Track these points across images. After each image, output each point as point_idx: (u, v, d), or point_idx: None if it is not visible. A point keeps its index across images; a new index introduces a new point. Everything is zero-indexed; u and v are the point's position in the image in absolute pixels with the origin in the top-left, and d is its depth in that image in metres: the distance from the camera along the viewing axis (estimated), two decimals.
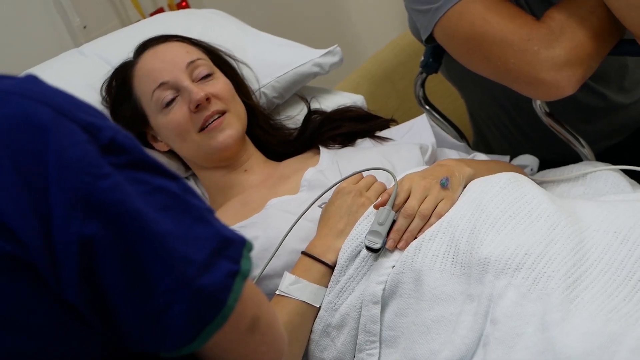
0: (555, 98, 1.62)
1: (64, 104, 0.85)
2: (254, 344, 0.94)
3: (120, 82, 1.73)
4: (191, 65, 1.68)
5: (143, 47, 1.74)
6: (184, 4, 2.56)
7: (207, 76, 1.69)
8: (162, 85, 1.65)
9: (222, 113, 1.66)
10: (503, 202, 1.36)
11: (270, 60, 1.90)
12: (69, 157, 0.82)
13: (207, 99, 1.63)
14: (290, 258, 1.47)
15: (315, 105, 1.89)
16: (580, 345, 1.13)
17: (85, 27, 2.37)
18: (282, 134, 1.83)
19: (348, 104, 1.91)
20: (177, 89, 1.65)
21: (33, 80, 0.88)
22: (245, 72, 1.84)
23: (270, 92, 1.89)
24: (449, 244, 1.34)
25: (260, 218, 1.57)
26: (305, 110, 1.87)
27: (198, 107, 1.63)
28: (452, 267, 1.32)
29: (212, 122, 1.64)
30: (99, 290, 0.83)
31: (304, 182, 1.63)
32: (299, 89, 1.95)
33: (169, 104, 1.65)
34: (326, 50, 1.94)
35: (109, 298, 0.83)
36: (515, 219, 1.33)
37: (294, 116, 1.90)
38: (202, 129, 1.65)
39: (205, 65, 1.70)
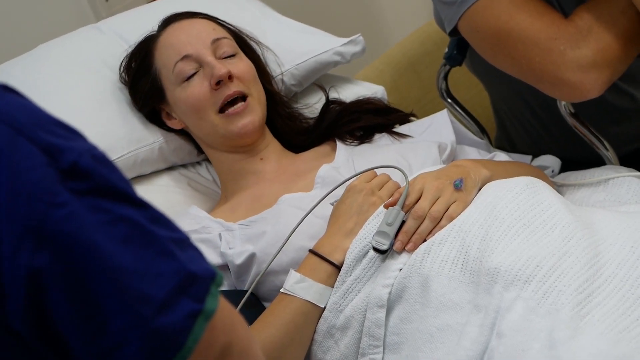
0: (580, 100, 1.58)
1: (24, 122, 0.79)
2: None
3: (143, 55, 1.70)
4: (216, 42, 1.65)
5: (168, 21, 1.71)
6: None
7: (231, 56, 1.66)
8: (185, 58, 1.62)
9: (243, 97, 1.63)
10: (518, 209, 1.31)
11: (290, 46, 1.86)
12: (22, 182, 0.76)
13: (230, 77, 1.61)
14: (297, 255, 1.44)
15: (333, 94, 1.85)
16: None
17: (107, 0, 2.34)
18: (299, 123, 1.79)
19: (368, 95, 1.86)
20: (200, 64, 1.62)
21: None
22: (266, 58, 1.80)
23: (288, 80, 1.85)
24: (459, 249, 1.30)
25: (270, 214, 1.54)
26: (323, 99, 1.83)
27: (219, 83, 1.60)
28: (461, 274, 1.28)
29: (234, 106, 1.61)
30: (49, 322, 0.79)
31: (317, 179, 1.60)
32: (318, 77, 1.90)
33: (189, 77, 1.62)
34: (348, 39, 1.89)
35: (60, 331, 0.79)
36: (529, 228, 1.28)
37: (313, 104, 1.85)
38: (221, 111, 1.62)
39: (230, 44, 1.67)
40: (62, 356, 0.81)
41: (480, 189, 1.42)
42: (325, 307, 1.37)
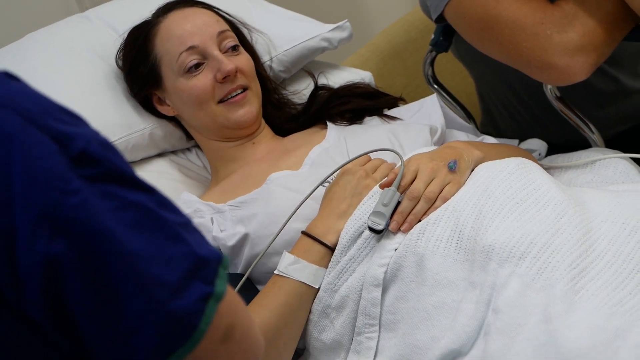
0: (567, 83, 1.59)
1: (32, 110, 0.80)
2: (228, 353, 0.90)
3: (142, 40, 1.69)
4: (221, 35, 1.66)
5: (168, 9, 1.70)
6: None
7: (234, 49, 1.67)
8: (191, 49, 1.63)
9: (244, 89, 1.65)
10: (510, 188, 1.33)
11: (278, 33, 1.87)
12: (36, 170, 0.77)
13: (235, 72, 1.62)
14: (290, 236, 1.45)
15: (322, 80, 1.86)
16: (584, 340, 1.11)
17: None
18: (288, 109, 1.81)
19: (356, 80, 1.88)
20: (205, 56, 1.63)
21: (2, 80, 0.83)
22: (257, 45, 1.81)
23: (277, 66, 1.86)
24: (454, 228, 1.32)
25: (260, 194, 1.54)
26: (311, 85, 1.85)
27: (225, 78, 1.61)
28: (456, 252, 1.30)
29: (234, 96, 1.63)
30: (65, 309, 0.79)
31: (307, 160, 1.61)
32: (306, 63, 1.92)
33: (193, 69, 1.62)
34: (335, 25, 1.91)
35: (76, 318, 0.80)
36: (522, 206, 1.30)
37: (300, 91, 1.87)
38: (222, 101, 1.63)
39: (233, 38, 1.68)
40: (77, 345, 0.82)
41: (472, 170, 1.44)
42: (319, 288, 1.39)
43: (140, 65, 1.69)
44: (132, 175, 0.84)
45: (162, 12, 1.71)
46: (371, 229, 1.36)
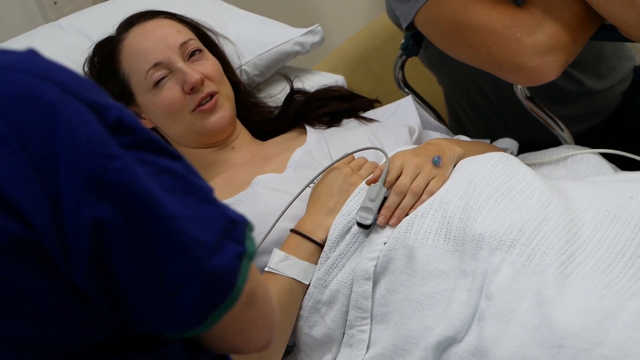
0: (538, 83, 1.63)
1: (68, 82, 0.82)
2: (250, 318, 0.93)
3: (106, 58, 1.69)
4: (184, 45, 1.65)
5: (129, 23, 1.70)
6: None
7: (198, 56, 1.67)
8: (157, 65, 1.62)
9: (213, 95, 1.65)
10: (495, 181, 1.37)
11: (252, 37, 1.89)
12: (79, 137, 0.79)
13: (202, 81, 1.62)
14: (278, 235, 1.46)
15: (297, 84, 1.89)
16: (577, 321, 1.14)
17: (55, 3, 2.32)
18: (263, 112, 1.82)
19: (330, 84, 1.91)
20: (170, 69, 1.63)
21: (34, 55, 0.84)
22: (226, 49, 1.82)
23: (251, 70, 1.88)
24: (442, 220, 1.35)
25: (246, 196, 1.55)
26: (286, 89, 1.87)
27: (193, 89, 1.62)
28: (445, 243, 1.33)
29: (205, 103, 1.63)
30: (109, 272, 0.81)
31: (291, 162, 1.63)
32: (279, 67, 1.94)
33: (158, 82, 1.62)
34: (307, 30, 1.94)
35: (118, 280, 0.82)
36: (507, 197, 1.34)
37: (275, 95, 1.89)
38: (194, 110, 1.64)
39: (196, 45, 1.68)
40: (118, 306, 0.83)
41: (455, 166, 1.47)
42: (309, 284, 1.40)
43: (108, 83, 1.68)
44: (162, 144, 0.86)
45: (124, 28, 1.70)
46: (359, 224, 1.38)
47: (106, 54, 1.69)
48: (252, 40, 1.88)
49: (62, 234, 0.78)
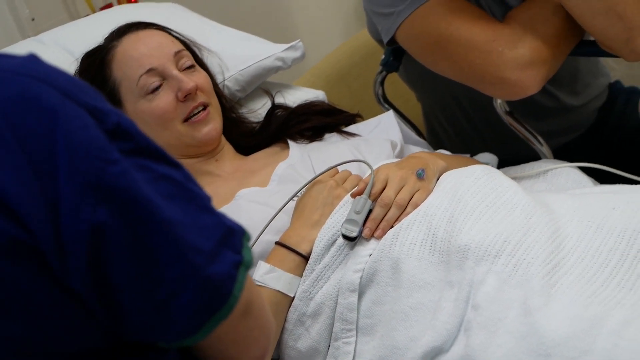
0: (519, 97, 1.65)
1: (68, 86, 0.82)
2: (247, 329, 0.93)
3: (97, 65, 1.68)
4: (178, 54, 1.67)
5: (121, 32, 1.70)
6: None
7: (191, 68, 1.68)
8: (150, 71, 1.63)
9: (205, 106, 1.66)
10: (479, 192, 1.38)
11: (234, 53, 1.90)
12: (78, 141, 0.79)
13: (196, 90, 1.63)
14: (263, 248, 1.46)
15: (279, 99, 1.90)
16: (564, 329, 1.15)
17: (33, 20, 2.32)
18: (245, 126, 1.83)
19: (311, 99, 1.92)
20: (164, 77, 1.63)
21: (35, 59, 0.85)
22: (209, 64, 1.83)
23: (232, 85, 1.89)
24: (427, 232, 1.35)
25: (229, 210, 1.55)
26: (268, 105, 1.87)
27: (187, 97, 1.62)
28: (430, 254, 1.33)
29: (197, 113, 1.64)
30: (106, 277, 0.81)
31: (274, 176, 1.63)
32: (260, 82, 1.95)
33: (154, 90, 1.62)
34: (288, 45, 1.96)
35: (115, 285, 0.81)
36: (492, 208, 1.35)
37: (256, 110, 1.90)
38: (186, 120, 1.64)
39: (189, 57, 1.70)
40: (113, 312, 0.83)
41: (438, 179, 1.49)
42: (294, 297, 1.40)
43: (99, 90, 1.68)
44: (161, 151, 0.86)
45: (116, 36, 1.70)
46: (345, 237, 1.39)
47: (97, 61, 1.69)
48: (233, 55, 1.89)
49: (59, 238, 0.78)
